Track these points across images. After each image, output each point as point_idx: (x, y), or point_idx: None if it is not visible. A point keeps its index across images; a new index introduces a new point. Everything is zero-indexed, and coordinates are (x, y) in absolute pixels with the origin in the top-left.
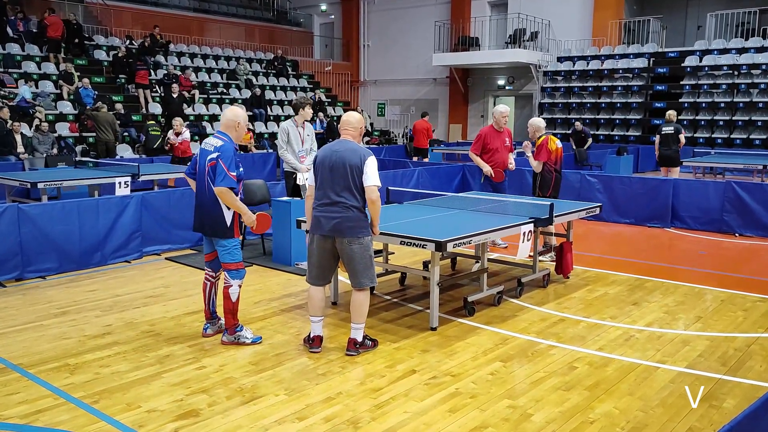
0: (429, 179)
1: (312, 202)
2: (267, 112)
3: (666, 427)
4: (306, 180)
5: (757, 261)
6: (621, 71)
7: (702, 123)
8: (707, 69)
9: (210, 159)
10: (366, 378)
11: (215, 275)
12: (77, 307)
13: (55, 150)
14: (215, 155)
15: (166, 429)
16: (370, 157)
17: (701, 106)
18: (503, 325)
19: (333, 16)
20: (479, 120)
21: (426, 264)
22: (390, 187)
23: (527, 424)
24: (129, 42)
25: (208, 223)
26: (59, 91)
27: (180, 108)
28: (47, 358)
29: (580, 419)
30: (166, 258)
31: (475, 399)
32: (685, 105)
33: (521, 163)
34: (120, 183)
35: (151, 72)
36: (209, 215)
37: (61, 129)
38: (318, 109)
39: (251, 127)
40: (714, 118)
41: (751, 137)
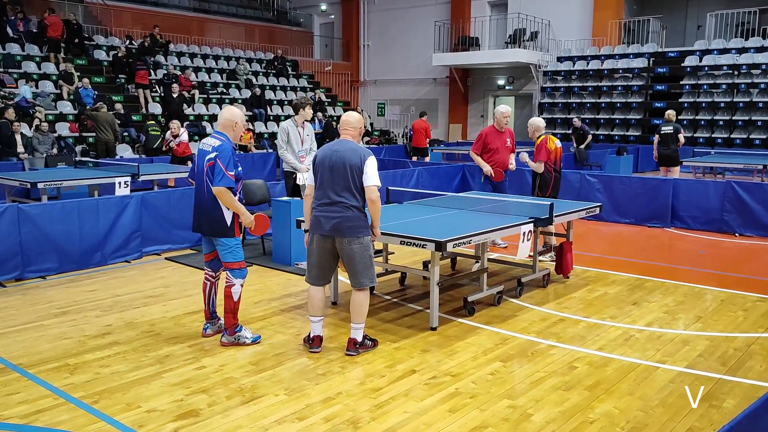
0: (429, 179)
1: (311, 201)
2: (267, 112)
3: (666, 427)
4: (306, 180)
5: (757, 261)
6: (621, 71)
7: (702, 123)
8: (707, 69)
9: (208, 159)
10: (366, 378)
11: (215, 275)
12: (77, 307)
13: (55, 150)
14: (213, 155)
15: (166, 429)
16: (370, 157)
17: (701, 105)
18: (503, 325)
19: (333, 16)
20: (479, 120)
21: (426, 264)
22: (390, 187)
23: (527, 424)
24: (129, 42)
25: (207, 223)
26: (59, 91)
27: (180, 108)
28: (47, 358)
29: (580, 419)
30: (165, 258)
31: (475, 399)
32: (685, 105)
33: (522, 164)
34: (120, 183)
35: (151, 72)
36: (209, 215)
37: (61, 129)
38: (318, 109)
39: (251, 127)
40: (714, 118)
41: (751, 137)
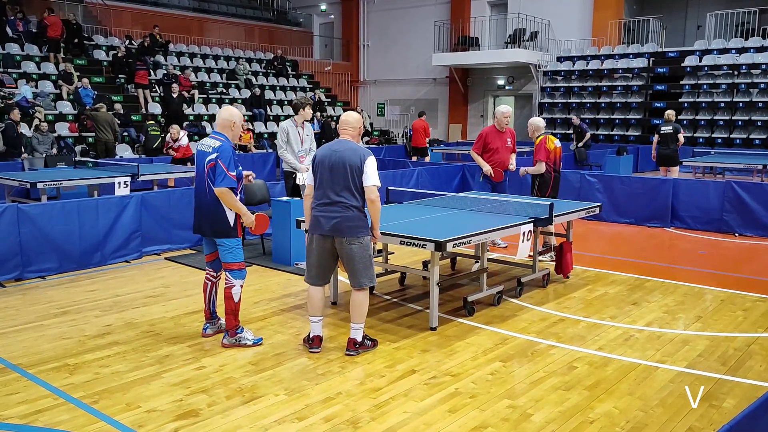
0: (429, 179)
1: (311, 201)
2: (267, 112)
3: (666, 427)
4: (305, 180)
5: (757, 261)
6: (621, 71)
7: (702, 123)
8: (707, 69)
9: (209, 160)
10: (366, 378)
11: (216, 275)
12: (77, 307)
13: (55, 150)
14: (214, 156)
15: (165, 429)
16: (369, 157)
17: (701, 105)
18: (503, 325)
19: (333, 16)
20: (479, 120)
21: (426, 264)
22: (390, 187)
23: (527, 424)
24: (128, 42)
25: (209, 224)
26: (59, 91)
27: (179, 108)
28: (47, 358)
29: (579, 419)
30: (165, 258)
31: (475, 399)
32: (685, 105)
33: (522, 164)
34: (119, 183)
35: (151, 72)
36: (210, 216)
37: (61, 129)
38: (317, 109)
39: (251, 127)
40: (714, 117)
41: (751, 137)
